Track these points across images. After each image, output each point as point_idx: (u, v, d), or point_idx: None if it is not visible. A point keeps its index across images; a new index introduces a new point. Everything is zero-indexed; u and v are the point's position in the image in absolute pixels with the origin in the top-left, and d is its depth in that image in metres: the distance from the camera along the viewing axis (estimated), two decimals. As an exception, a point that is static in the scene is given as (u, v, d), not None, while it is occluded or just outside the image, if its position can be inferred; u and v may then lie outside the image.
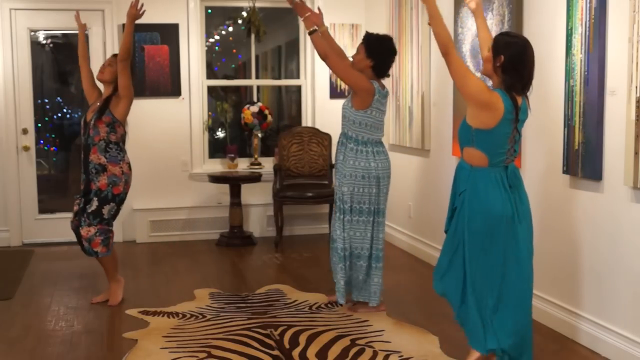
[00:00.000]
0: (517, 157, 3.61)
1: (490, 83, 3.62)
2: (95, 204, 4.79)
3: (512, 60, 3.41)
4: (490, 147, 3.45)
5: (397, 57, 4.83)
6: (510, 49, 3.43)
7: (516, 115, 3.42)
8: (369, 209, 4.61)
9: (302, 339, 4.16)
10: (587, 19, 3.86)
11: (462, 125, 3.57)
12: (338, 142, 4.74)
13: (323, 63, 4.75)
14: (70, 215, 4.99)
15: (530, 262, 3.62)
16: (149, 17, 7.00)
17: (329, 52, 4.55)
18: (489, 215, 3.47)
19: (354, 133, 4.60)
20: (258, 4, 7.17)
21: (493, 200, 3.46)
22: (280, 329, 4.34)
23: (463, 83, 3.45)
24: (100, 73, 4.98)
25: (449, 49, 3.52)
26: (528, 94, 3.54)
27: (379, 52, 4.58)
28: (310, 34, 4.58)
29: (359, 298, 4.70)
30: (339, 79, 7.30)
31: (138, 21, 4.98)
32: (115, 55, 4.95)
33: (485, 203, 3.47)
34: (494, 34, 4.79)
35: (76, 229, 4.89)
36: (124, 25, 6.92)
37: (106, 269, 4.96)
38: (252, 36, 7.27)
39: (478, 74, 5.06)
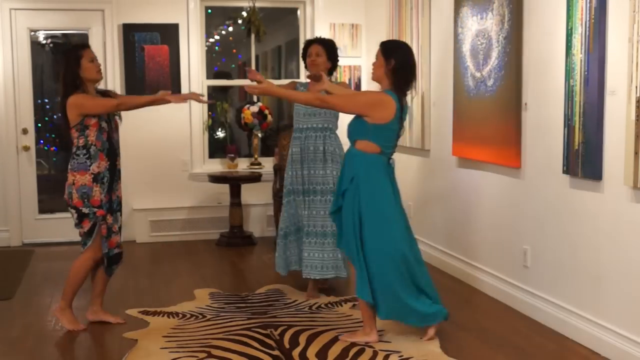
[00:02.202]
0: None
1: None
2: (120, 217, 4.57)
3: (402, 63, 3.93)
4: (383, 140, 3.96)
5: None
6: (400, 53, 3.97)
7: (402, 113, 3.94)
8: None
9: (302, 339, 4.16)
10: (587, 19, 3.86)
11: (355, 120, 4.00)
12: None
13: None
14: (69, 215, 4.91)
15: (413, 237, 4.15)
16: (149, 17, 7.05)
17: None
18: (383, 195, 3.97)
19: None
20: (258, 4, 7.17)
21: (384, 183, 3.99)
22: (280, 329, 4.34)
23: (354, 104, 3.99)
24: (100, 73, 4.64)
25: (321, 100, 4.02)
26: (412, 95, 4.03)
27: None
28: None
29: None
30: (339, 79, 7.33)
31: (138, 21, 4.94)
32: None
33: (379, 184, 3.97)
34: (494, 34, 4.82)
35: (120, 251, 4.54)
36: (124, 25, 7.03)
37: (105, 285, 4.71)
38: (252, 36, 7.27)
39: (478, 74, 5.06)
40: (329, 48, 4.95)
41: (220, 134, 7.58)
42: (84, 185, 4.29)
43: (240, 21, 7.53)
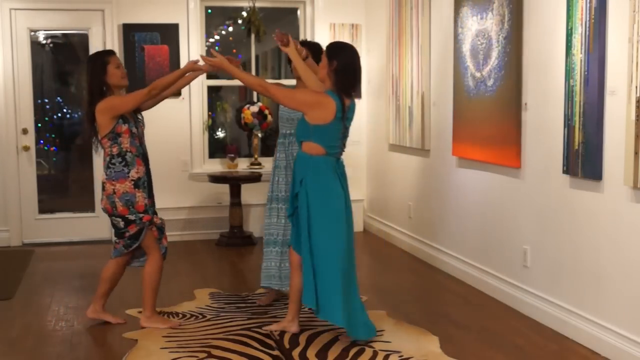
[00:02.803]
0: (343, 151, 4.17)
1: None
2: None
3: (344, 67, 3.97)
4: (325, 140, 4.01)
5: (397, 57, 4.87)
6: (342, 55, 3.99)
7: (344, 114, 3.98)
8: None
9: (302, 339, 4.16)
10: (587, 19, 3.86)
11: (300, 122, 4.07)
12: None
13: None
14: (69, 215, 4.92)
15: (352, 240, 4.16)
16: (149, 17, 7.05)
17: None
18: (330, 196, 4.03)
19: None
20: (258, 4, 7.17)
21: (332, 183, 4.05)
22: (280, 329, 4.34)
23: (291, 98, 4.07)
24: (126, 79, 4.47)
25: (263, 87, 4.12)
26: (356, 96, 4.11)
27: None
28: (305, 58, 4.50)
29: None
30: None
31: (138, 21, 4.94)
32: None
33: (326, 185, 4.04)
34: (494, 34, 4.82)
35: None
36: (124, 25, 7.03)
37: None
38: (252, 36, 7.27)
39: (478, 74, 5.06)
40: (314, 50, 4.88)
41: (220, 134, 7.58)
42: (126, 193, 4.27)
43: (240, 21, 7.53)
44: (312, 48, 4.83)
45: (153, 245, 4.43)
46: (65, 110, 7.53)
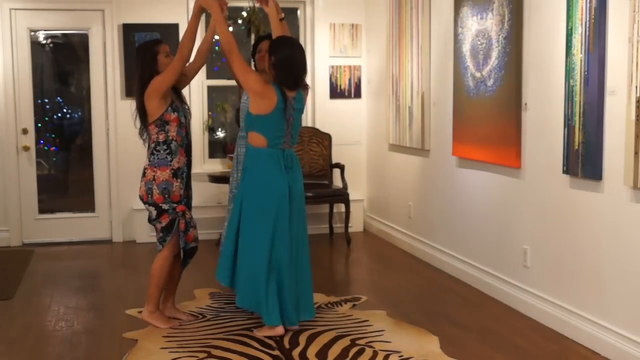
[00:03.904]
0: (296, 144, 4.40)
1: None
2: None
3: (281, 61, 4.12)
4: (267, 130, 4.13)
5: (397, 57, 4.85)
6: (279, 52, 4.14)
7: (285, 105, 4.10)
8: None
9: (302, 339, 4.16)
10: (587, 19, 3.86)
11: (246, 114, 4.23)
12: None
13: (323, 63, 4.78)
14: (69, 215, 4.92)
15: (304, 237, 4.29)
16: (149, 17, 7.05)
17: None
18: (267, 189, 4.13)
19: None
20: (258, 4, 7.15)
21: (271, 176, 4.14)
22: (280, 329, 4.34)
23: (245, 78, 4.15)
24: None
25: (232, 47, 4.20)
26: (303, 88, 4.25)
27: None
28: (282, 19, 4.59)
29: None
30: (339, 79, 7.35)
31: (138, 21, 4.93)
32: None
33: (264, 178, 4.14)
34: (494, 34, 4.82)
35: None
36: (124, 25, 7.02)
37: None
38: (252, 36, 7.27)
39: (478, 74, 5.06)
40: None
41: (220, 134, 7.58)
42: (165, 181, 4.28)
43: (240, 21, 7.53)
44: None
45: (174, 237, 4.39)
46: (65, 110, 7.53)
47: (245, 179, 4.23)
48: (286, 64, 4.14)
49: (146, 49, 4.42)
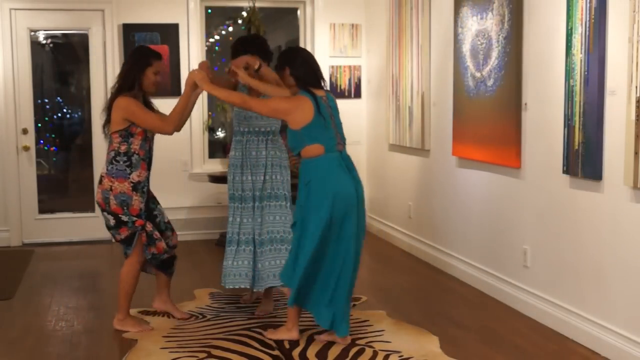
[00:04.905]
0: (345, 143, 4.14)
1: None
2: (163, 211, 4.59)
3: (298, 66, 4.07)
4: (319, 137, 3.98)
5: (397, 57, 4.85)
6: (291, 60, 4.09)
7: (318, 105, 3.96)
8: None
9: (302, 339, 4.16)
10: (587, 19, 3.86)
11: (290, 134, 4.06)
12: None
13: (323, 63, 4.78)
14: (69, 215, 4.91)
15: (361, 240, 4.10)
16: (149, 17, 7.05)
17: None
18: (338, 196, 3.92)
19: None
20: (258, 4, 7.16)
21: (338, 181, 3.96)
22: (280, 329, 4.34)
23: (269, 108, 4.08)
24: (155, 87, 4.37)
25: (242, 99, 4.14)
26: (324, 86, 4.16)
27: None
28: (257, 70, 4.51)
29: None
30: (339, 79, 7.34)
31: (138, 21, 4.90)
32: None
33: (332, 184, 3.94)
34: (494, 34, 4.82)
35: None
36: (124, 25, 7.03)
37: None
38: (252, 36, 7.26)
39: (478, 74, 5.06)
40: (260, 47, 4.76)
41: (220, 134, 7.58)
42: (123, 193, 4.20)
43: (240, 21, 7.53)
44: (259, 47, 4.73)
45: (136, 249, 4.32)
46: (65, 110, 7.53)
47: (312, 191, 3.98)
48: (304, 65, 4.08)
49: (142, 55, 4.29)
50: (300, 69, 4.08)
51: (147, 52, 4.34)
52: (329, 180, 3.96)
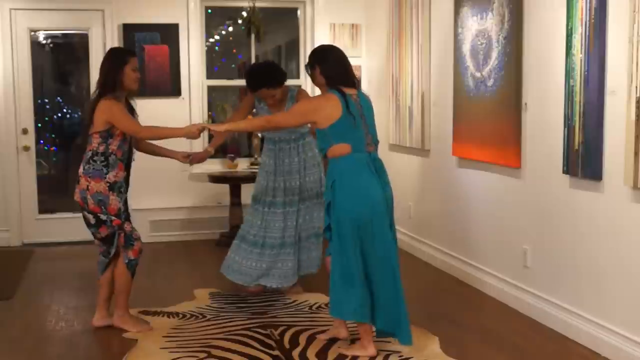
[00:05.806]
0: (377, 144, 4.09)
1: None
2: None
3: (330, 63, 3.95)
4: (346, 136, 3.84)
5: (397, 57, 4.88)
6: (322, 57, 3.98)
7: (347, 103, 3.82)
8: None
9: (302, 339, 4.16)
10: (587, 19, 3.86)
11: (318, 135, 3.95)
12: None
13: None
14: (69, 215, 4.90)
15: (395, 242, 3.99)
16: (149, 17, 7.05)
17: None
18: (364, 198, 3.79)
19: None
20: (258, 4, 7.16)
21: (364, 182, 3.82)
22: (280, 329, 4.34)
23: (296, 113, 4.01)
24: (137, 84, 4.40)
25: (271, 123, 4.16)
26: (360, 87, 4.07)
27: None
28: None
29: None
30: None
31: (138, 21, 4.91)
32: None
33: (358, 186, 3.80)
34: (494, 34, 4.82)
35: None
36: (124, 25, 7.02)
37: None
38: (252, 36, 7.27)
39: (478, 74, 5.06)
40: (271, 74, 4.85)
41: (220, 134, 7.58)
42: (99, 193, 4.24)
43: (240, 21, 7.53)
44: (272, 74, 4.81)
45: (136, 244, 4.39)
46: (65, 110, 7.53)
47: (337, 193, 3.82)
48: (335, 64, 3.95)
49: (117, 55, 4.32)
50: (332, 68, 3.94)
51: (120, 51, 4.46)
52: (354, 181, 3.81)
